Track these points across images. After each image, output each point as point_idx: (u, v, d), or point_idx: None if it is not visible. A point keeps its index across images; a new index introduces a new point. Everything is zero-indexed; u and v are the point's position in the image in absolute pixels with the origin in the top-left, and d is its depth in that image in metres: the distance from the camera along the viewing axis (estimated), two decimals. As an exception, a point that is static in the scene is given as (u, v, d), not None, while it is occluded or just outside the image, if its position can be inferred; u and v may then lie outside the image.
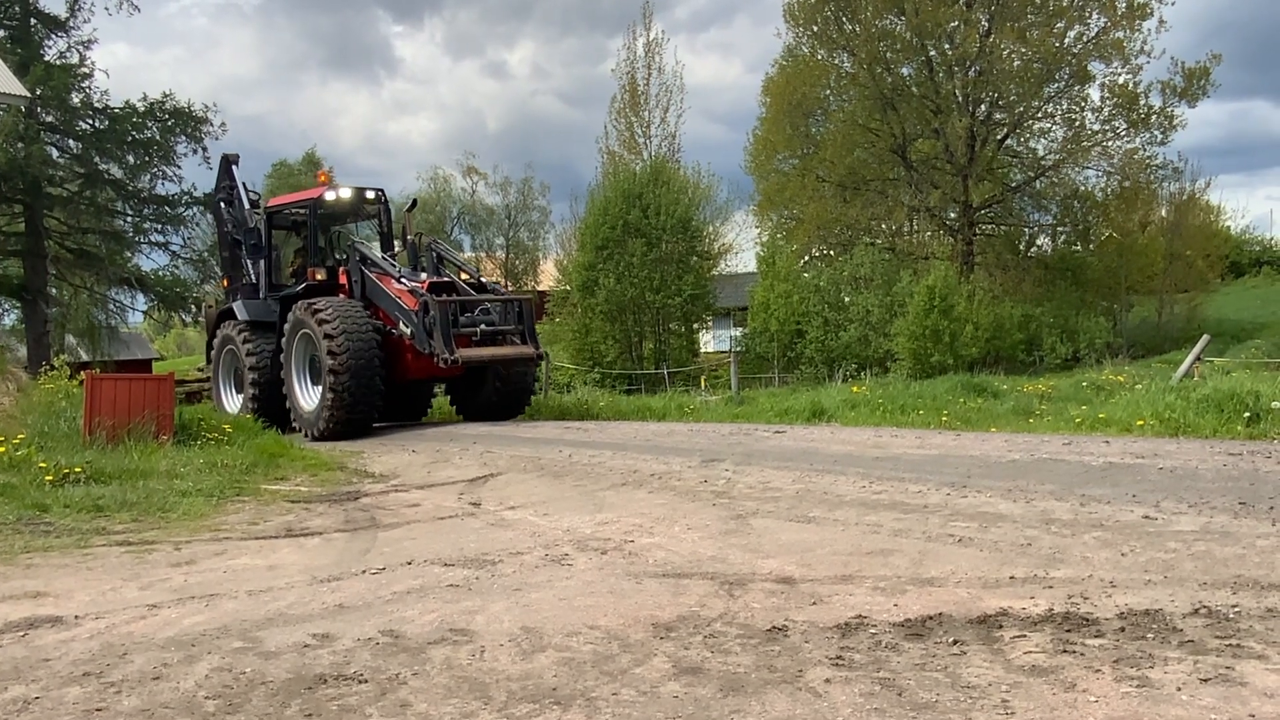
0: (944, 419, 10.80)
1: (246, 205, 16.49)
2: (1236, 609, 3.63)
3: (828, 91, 33.34)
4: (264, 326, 15.16)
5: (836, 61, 33.12)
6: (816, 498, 6.30)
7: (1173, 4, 30.52)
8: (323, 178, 15.41)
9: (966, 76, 30.78)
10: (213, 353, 16.34)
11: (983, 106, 31.61)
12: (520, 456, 9.46)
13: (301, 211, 15.72)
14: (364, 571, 5.04)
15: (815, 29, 32.98)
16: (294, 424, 14.04)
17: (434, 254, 15.01)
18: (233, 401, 15.93)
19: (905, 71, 32.32)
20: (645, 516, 6.10)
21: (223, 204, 17.20)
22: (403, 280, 14.03)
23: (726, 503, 6.36)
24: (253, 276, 16.27)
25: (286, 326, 14.13)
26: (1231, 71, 75.20)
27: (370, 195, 15.77)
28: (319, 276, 14.68)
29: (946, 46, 30.96)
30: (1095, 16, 30.37)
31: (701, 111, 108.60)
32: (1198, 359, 11.83)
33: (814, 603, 4.08)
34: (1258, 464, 6.33)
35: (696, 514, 6.08)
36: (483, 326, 13.48)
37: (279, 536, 6.21)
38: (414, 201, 16.68)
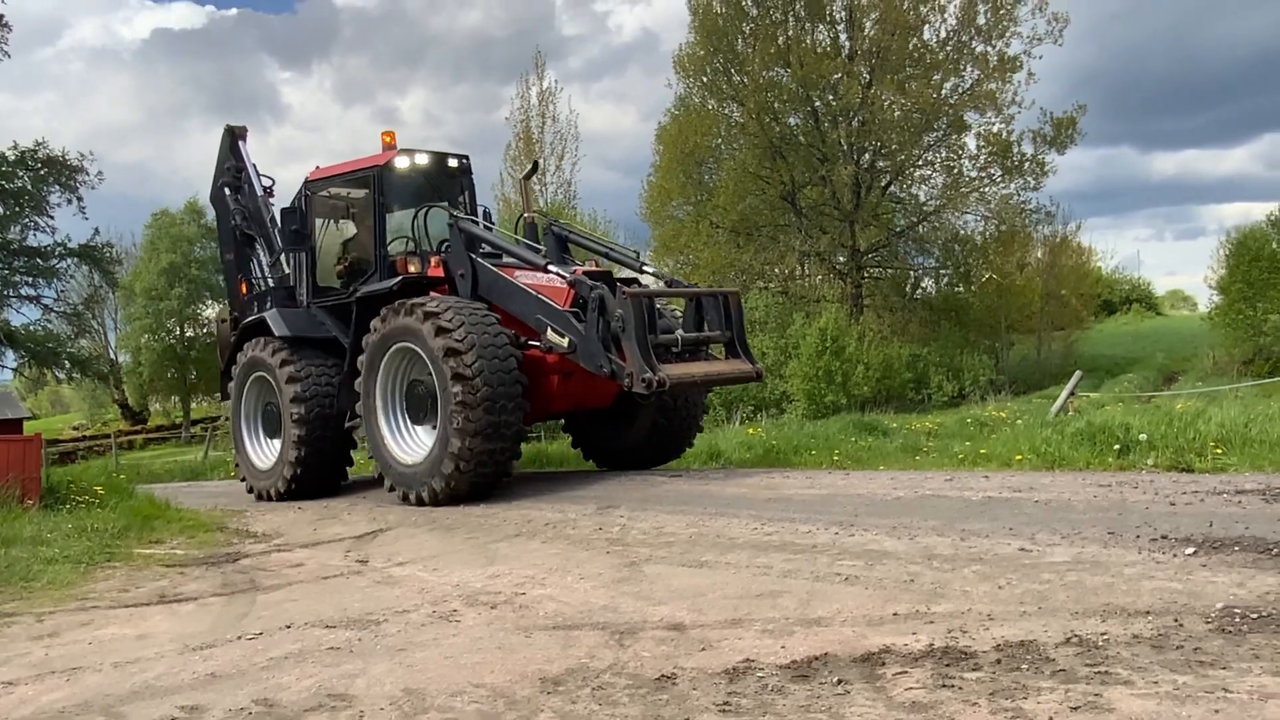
0: (835, 458, 11.02)
1: (260, 191, 13.02)
2: (1105, 637, 3.76)
3: (719, 140, 34.22)
4: (311, 344, 11.28)
5: (726, 111, 34.05)
6: (710, 541, 6.32)
7: (1040, 58, 32.33)
8: (388, 139, 11.42)
9: (850, 126, 31.99)
10: (232, 385, 12.10)
11: (866, 155, 32.86)
12: (411, 511, 9.25)
13: (350, 191, 11.76)
14: (239, 637, 4.84)
15: (705, 80, 33.90)
16: (384, 480, 10.00)
17: (552, 236, 11.09)
18: (263, 451, 11.89)
19: (792, 121, 33.43)
20: (538, 567, 6.02)
21: (228, 190, 13.32)
22: (551, 270, 9.93)
23: (621, 550, 6.33)
24: (269, 280, 12.66)
25: (371, 342, 9.94)
26: (1098, 120, 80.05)
27: (453, 163, 11.71)
28: (412, 269, 10.53)
29: (830, 97, 32.15)
30: (969, 69, 32.05)
31: (597, 159, 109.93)
32: (1071, 394, 12.38)
33: (703, 649, 4.08)
34: (1125, 494, 6.62)
35: (590, 563, 6.04)
36: (681, 333, 9.68)
37: (151, 603, 5.91)
38: (534, 164, 12.59)
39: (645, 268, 10.92)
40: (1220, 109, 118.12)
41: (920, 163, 33.54)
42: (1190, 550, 4.91)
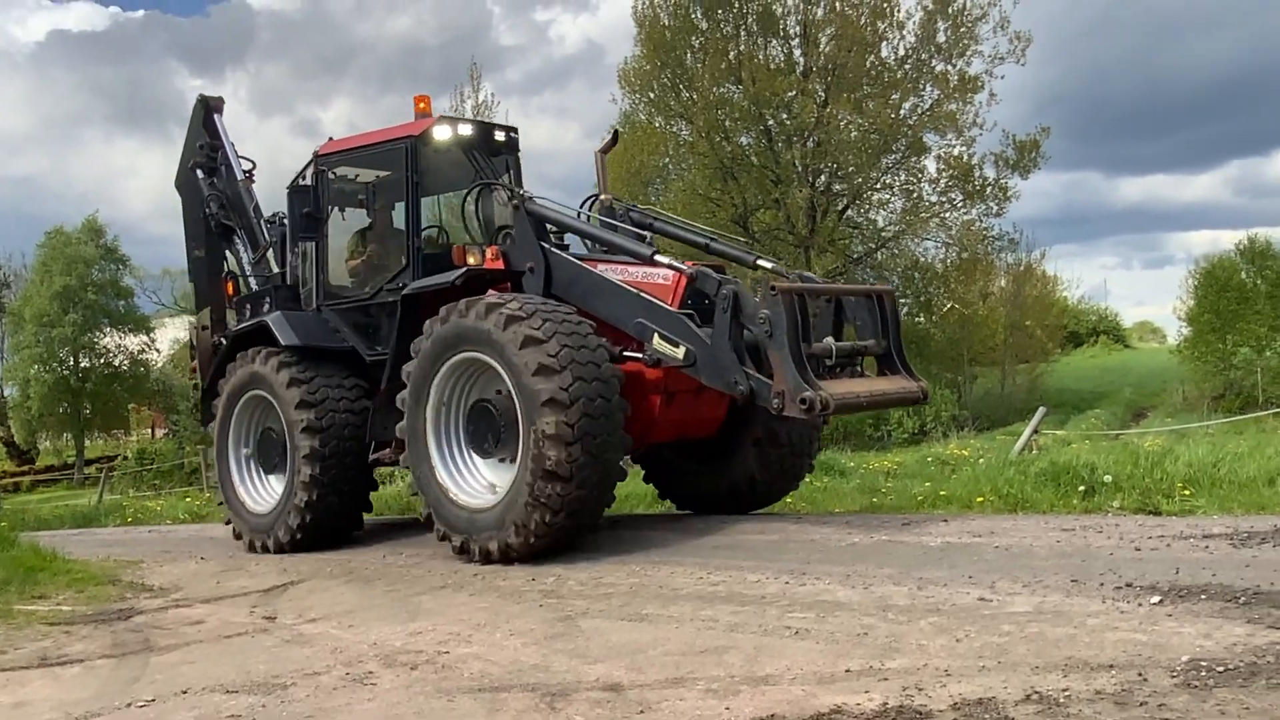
0: (788, 501, 11.07)
1: (240, 174, 11.73)
2: (1067, 693, 3.82)
3: (667, 160, 34.54)
4: (325, 357, 9.80)
5: (675, 129, 34.39)
6: (651, 592, 6.31)
7: (1002, 78, 33.16)
8: (422, 105, 9.96)
9: (805, 147, 32.47)
10: (218, 408, 10.48)
11: (822, 177, 33.37)
12: (326, 560, 9.10)
13: (367, 170, 10.24)
14: (129, 705, 4.71)
15: (652, 95, 34.23)
16: (436, 527, 8.37)
17: (630, 223, 9.78)
18: (259, 491, 10.36)
19: (744, 141, 33.86)
20: (464, 623, 5.96)
21: (200, 172, 11.88)
22: (660, 261, 8.51)
23: (555, 602, 6.30)
24: (252, 281, 11.37)
25: (422, 352, 8.40)
26: (1062, 144, 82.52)
27: (500, 137, 10.29)
28: (472, 260, 8.93)
29: (784, 116, 32.63)
30: (929, 89, 32.77)
31: (537, 177, 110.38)
32: (1035, 432, 12.63)
33: (641, 711, 4.06)
34: (1090, 539, 6.76)
35: (521, 617, 5.99)
36: (834, 342, 8.15)
37: (30, 667, 5.74)
38: (614, 133, 11.12)
39: (761, 262, 9.32)
40: (1187, 133, 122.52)
41: (878, 186, 34.14)
42: (1156, 599, 5.02)
